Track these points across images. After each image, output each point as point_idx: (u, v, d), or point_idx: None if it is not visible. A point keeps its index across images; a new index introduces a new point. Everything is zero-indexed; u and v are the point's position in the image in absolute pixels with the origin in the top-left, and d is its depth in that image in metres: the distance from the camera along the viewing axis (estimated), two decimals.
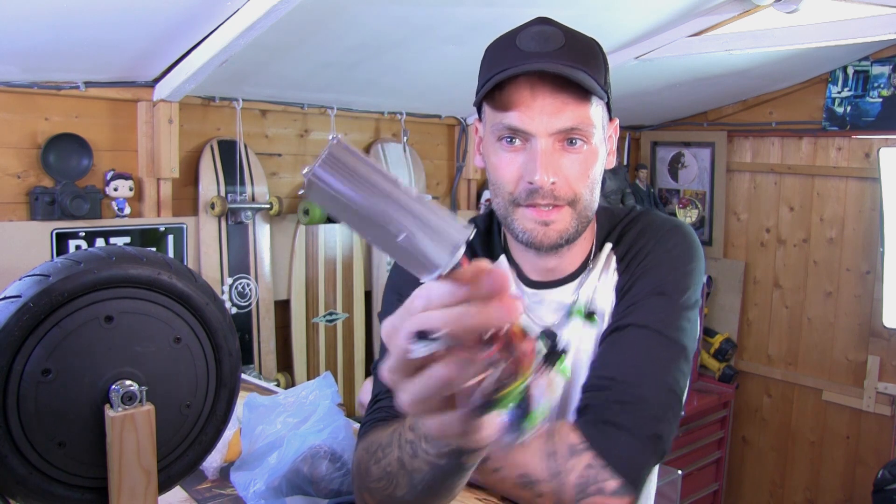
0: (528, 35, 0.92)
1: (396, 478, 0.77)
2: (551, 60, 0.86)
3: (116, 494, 0.71)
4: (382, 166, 0.47)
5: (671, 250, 0.97)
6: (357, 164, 0.45)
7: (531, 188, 0.89)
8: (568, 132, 0.89)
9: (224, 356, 0.80)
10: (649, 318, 0.91)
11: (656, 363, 0.89)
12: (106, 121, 2.04)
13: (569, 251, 0.99)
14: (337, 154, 0.45)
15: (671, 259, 0.96)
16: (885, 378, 3.03)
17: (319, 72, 2.19)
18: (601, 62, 0.93)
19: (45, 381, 0.69)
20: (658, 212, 1.07)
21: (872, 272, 3.04)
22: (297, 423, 1.10)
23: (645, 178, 3.55)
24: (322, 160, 0.44)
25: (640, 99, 3.10)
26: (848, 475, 3.18)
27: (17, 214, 1.91)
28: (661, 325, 0.91)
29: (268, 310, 2.39)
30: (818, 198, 3.21)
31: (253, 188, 2.31)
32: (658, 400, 0.87)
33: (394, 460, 0.77)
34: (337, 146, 0.45)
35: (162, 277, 0.75)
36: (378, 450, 0.81)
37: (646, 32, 2.33)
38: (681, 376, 0.90)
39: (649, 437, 0.85)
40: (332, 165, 0.44)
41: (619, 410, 0.86)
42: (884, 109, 2.92)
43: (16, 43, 1.66)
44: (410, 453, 0.73)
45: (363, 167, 0.45)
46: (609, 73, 0.96)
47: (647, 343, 0.90)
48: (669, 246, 0.97)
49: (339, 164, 0.44)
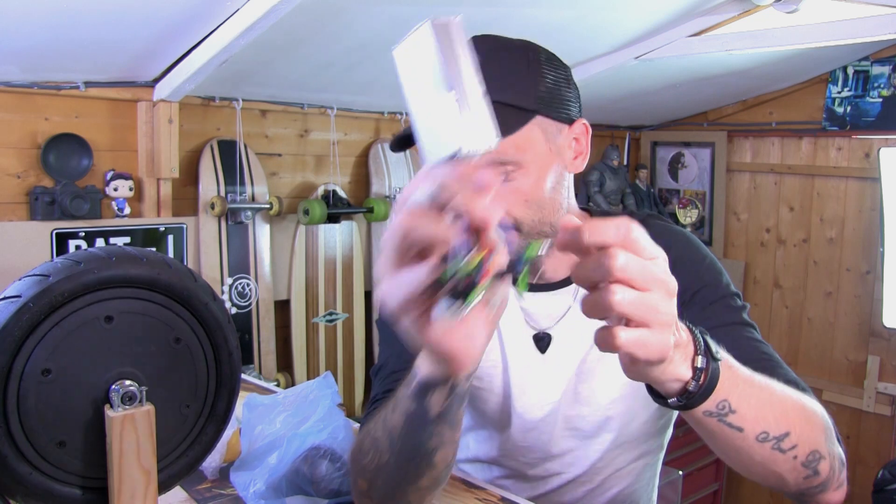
0: None
1: (380, 443, 0.79)
2: None
3: (116, 494, 0.71)
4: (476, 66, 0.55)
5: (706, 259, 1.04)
6: (461, 44, 0.54)
7: None
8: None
9: (224, 356, 0.80)
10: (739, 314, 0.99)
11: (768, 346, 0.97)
12: (106, 121, 2.04)
13: (550, 259, 1.03)
14: (453, 29, 0.53)
15: (715, 268, 1.03)
16: (885, 378, 3.03)
17: (319, 72, 2.19)
18: (533, 75, 0.92)
19: (45, 381, 0.69)
20: (662, 218, 1.10)
21: (872, 272, 3.04)
22: (297, 423, 1.10)
23: (645, 178, 3.55)
24: (453, 21, 0.53)
25: (640, 99, 3.11)
26: (848, 475, 3.18)
27: (17, 214, 1.91)
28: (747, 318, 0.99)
29: (268, 310, 2.39)
30: (818, 198, 3.21)
31: (253, 188, 2.31)
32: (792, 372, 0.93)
33: (379, 425, 0.80)
34: (458, 24, 0.54)
35: (162, 277, 0.75)
36: (369, 430, 0.84)
37: (646, 32, 2.34)
38: None
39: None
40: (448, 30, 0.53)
41: (803, 387, 0.87)
42: (884, 109, 2.92)
43: (16, 43, 1.66)
44: (391, 409, 0.77)
45: (464, 49, 0.54)
46: (563, 76, 0.96)
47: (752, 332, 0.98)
48: (702, 257, 1.04)
49: (450, 33, 0.53)
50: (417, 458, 0.77)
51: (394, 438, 0.77)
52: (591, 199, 3.27)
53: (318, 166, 2.57)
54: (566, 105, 0.95)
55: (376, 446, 0.81)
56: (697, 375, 0.64)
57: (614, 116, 3.48)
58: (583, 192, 3.34)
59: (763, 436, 0.71)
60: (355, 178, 2.68)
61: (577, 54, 2.45)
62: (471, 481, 1.09)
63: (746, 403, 0.68)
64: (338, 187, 2.53)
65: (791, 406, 0.74)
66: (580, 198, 3.34)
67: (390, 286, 0.55)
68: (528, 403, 1.06)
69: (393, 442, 0.77)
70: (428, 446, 0.75)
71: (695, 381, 0.64)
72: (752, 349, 0.94)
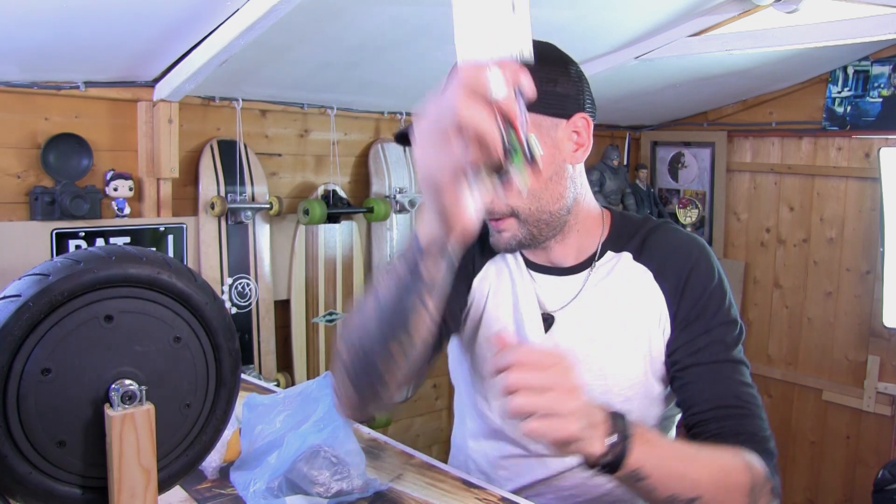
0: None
1: (366, 304, 0.89)
2: None
3: (116, 494, 0.71)
4: None
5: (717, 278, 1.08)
6: None
7: None
8: None
9: (224, 356, 0.80)
10: (729, 351, 1.04)
11: (752, 387, 1.04)
12: (106, 121, 2.04)
13: (558, 245, 1.09)
14: None
15: (720, 289, 1.07)
16: (885, 378, 3.03)
17: (319, 72, 2.19)
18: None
19: (45, 381, 0.69)
20: (676, 226, 1.16)
21: (872, 272, 3.04)
22: (297, 423, 1.10)
23: (645, 178, 3.55)
24: None
25: (640, 99, 3.11)
26: (848, 475, 3.18)
27: (17, 214, 1.91)
28: (739, 354, 1.05)
29: (268, 310, 2.39)
30: (818, 198, 3.21)
31: (253, 188, 2.31)
32: (765, 418, 1.03)
33: (369, 291, 0.90)
34: None
35: (162, 277, 0.75)
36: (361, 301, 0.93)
37: (646, 32, 2.33)
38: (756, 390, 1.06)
39: (776, 453, 1.02)
40: None
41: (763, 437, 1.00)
42: (884, 109, 2.92)
43: (16, 43, 1.66)
44: (385, 271, 0.88)
45: None
46: (557, 72, 1.00)
47: (740, 371, 1.04)
48: (714, 275, 1.07)
49: None
50: (397, 319, 0.85)
51: (380, 301, 0.87)
52: None
53: (318, 166, 2.57)
54: (561, 101, 0.99)
55: (361, 310, 0.91)
56: (609, 451, 0.80)
57: (614, 116, 3.48)
58: None
59: (671, 498, 0.86)
60: (355, 178, 2.68)
61: (577, 54, 2.42)
62: (471, 481, 1.10)
63: (658, 472, 0.84)
64: (338, 187, 2.54)
65: (708, 473, 0.88)
66: None
67: (439, 155, 0.69)
68: None
69: (379, 303, 0.87)
70: (409, 307, 0.84)
71: (607, 456, 0.80)
72: (728, 393, 1.01)
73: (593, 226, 1.10)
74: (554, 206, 1.02)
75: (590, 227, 1.10)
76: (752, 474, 0.92)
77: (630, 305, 1.07)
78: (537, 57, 0.97)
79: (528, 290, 1.12)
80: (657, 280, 1.07)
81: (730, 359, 1.03)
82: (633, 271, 1.08)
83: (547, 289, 1.12)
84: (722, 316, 1.04)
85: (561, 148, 1.01)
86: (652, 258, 1.08)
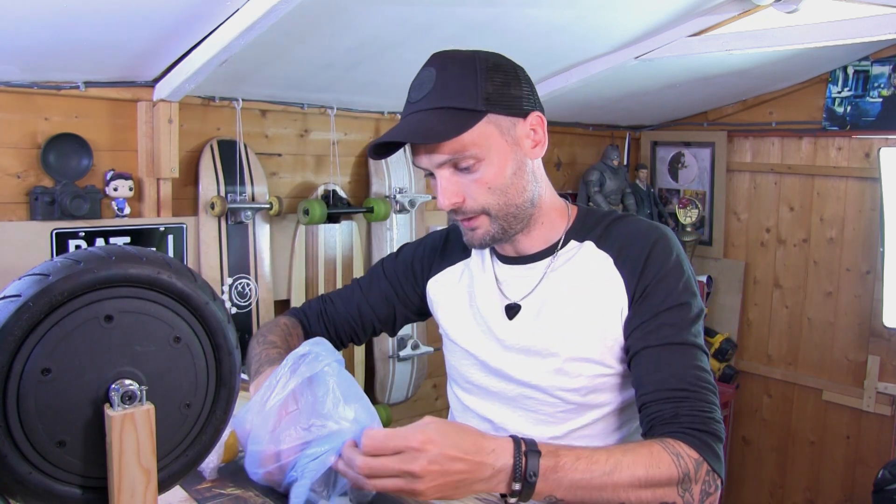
0: (415, 82, 1.09)
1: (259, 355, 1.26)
2: (420, 109, 1.05)
3: (116, 494, 0.71)
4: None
5: (672, 262, 1.10)
6: None
7: (448, 209, 1.09)
8: (454, 161, 1.05)
9: (224, 356, 0.80)
10: (680, 334, 1.05)
11: (703, 370, 1.04)
12: (106, 121, 2.04)
13: (524, 237, 1.15)
14: None
15: (676, 271, 1.09)
16: (885, 378, 3.03)
17: (319, 72, 2.19)
18: (480, 80, 1.04)
19: (45, 381, 0.69)
20: (641, 217, 1.21)
21: (872, 272, 3.05)
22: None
23: (645, 178, 3.55)
24: None
25: (640, 99, 3.10)
26: (848, 475, 3.18)
27: (16, 214, 1.91)
28: (691, 337, 1.06)
29: (268, 310, 2.39)
30: (818, 198, 3.21)
31: (253, 188, 2.31)
32: (713, 401, 1.03)
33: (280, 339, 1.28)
34: None
35: (162, 277, 0.75)
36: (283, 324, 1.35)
37: (646, 32, 2.33)
38: (710, 373, 1.07)
39: (720, 434, 1.01)
40: None
41: (703, 418, 1.00)
42: (884, 109, 2.93)
43: (16, 43, 1.66)
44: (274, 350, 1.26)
45: None
46: (510, 77, 1.06)
47: (691, 354, 1.05)
48: (671, 259, 1.10)
49: None
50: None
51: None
52: (591, 199, 3.28)
53: (318, 166, 2.57)
54: (517, 101, 1.06)
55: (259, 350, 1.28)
56: (516, 490, 0.88)
57: (614, 116, 3.48)
58: (583, 192, 3.34)
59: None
60: (355, 177, 2.68)
61: (577, 54, 2.46)
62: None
63: (573, 494, 0.91)
64: (338, 187, 2.54)
65: (629, 479, 0.92)
66: (580, 197, 3.34)
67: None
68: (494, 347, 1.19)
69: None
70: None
71: (513, 494, 0.89)
72: (673, 376, 1.03)
73: (558, 217, 1.17)
74: (519, 198, 1.09)
75: (554, 218, 1.16)
76: (680, 464, 0.94)
77: (590, 291, 1.11)
78: (493, 64, 1.06)
79: (489, 284, 1.19)
80: (617, 266, 1.10)
81: (680, 341, 1.05)
82: (595, 258, 1.12)
83: (512, 279, 1.18)
84: (674, 298, 1.06)
85: (521, 145, 1.08)
86: (612, 245, 1.12)
